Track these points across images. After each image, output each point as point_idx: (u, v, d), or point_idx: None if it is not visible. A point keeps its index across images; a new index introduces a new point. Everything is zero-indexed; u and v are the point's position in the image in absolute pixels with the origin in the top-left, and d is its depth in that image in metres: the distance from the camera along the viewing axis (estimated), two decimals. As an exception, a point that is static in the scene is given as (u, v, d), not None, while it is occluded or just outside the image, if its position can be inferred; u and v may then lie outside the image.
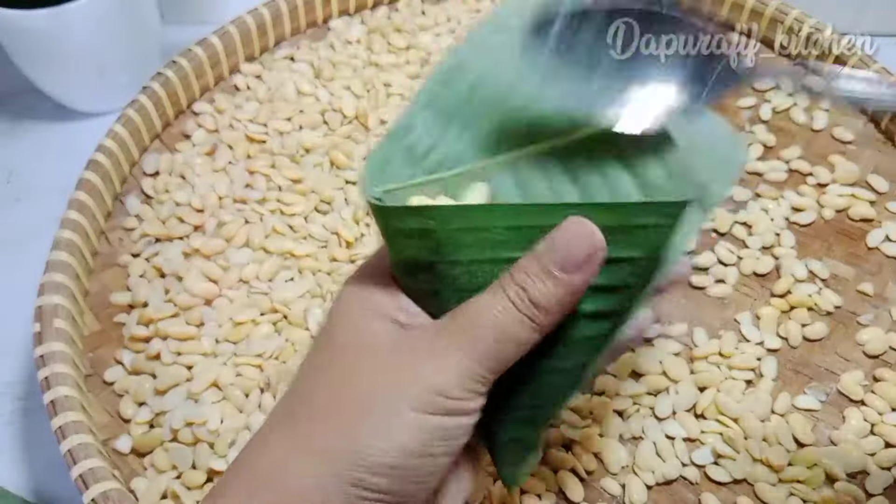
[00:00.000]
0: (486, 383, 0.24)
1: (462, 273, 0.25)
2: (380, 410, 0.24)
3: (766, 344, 0.40)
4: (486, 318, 0.24)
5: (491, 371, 0.24)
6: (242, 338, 0.40)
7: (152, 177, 0.48)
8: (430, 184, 0.27)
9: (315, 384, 0.25)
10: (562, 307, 0.24)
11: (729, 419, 0.37)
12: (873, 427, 0.37)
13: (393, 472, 0.23)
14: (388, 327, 0.25)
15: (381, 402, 0.24)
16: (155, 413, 0.38)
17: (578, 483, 0.35)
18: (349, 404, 0.24)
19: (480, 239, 0.24)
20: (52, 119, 0.55)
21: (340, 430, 0.24)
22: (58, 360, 0.36)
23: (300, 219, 0.45)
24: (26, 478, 0.39)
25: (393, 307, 0.26)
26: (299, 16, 0.55)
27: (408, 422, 0.23)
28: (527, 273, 0.24)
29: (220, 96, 0.52)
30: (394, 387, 0.24)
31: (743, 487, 0.36)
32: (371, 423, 0.23)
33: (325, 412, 0.24)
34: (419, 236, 0.24)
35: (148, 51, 0.54)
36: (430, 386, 0.24)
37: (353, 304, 0.26)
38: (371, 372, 0.25)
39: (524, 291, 0.24)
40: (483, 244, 0.24)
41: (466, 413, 0.24)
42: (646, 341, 0.40)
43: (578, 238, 0.24)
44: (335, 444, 0.23)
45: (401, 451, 0.23)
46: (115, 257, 0.44)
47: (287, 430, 0.25)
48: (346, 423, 0.24)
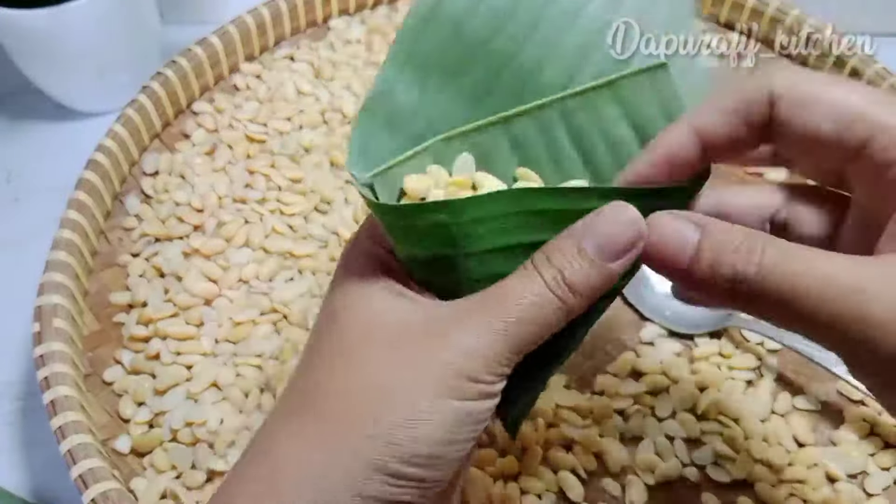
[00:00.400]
0: (512, 365, 0.24)
1: (478, 263, 0.24)
2: (403, 399, 0.23)
3: (766, 344, 0.40)
4: (520, 301, 0.23)
5: (519, 353, 0.23)
6: (242, 338, 0.40)
7: (152, 176, 0.48)
8: (419, 156, 0.26)
9: (328, 373, 0.24)
10: (595, 293, 0.24)
11: (729, 419, 0.37)
12: (873, 427, 0.37)
13: (425, 461, 0.22)
14: (399, 305, 0.24)
15: (403, 389, 0.23)
16: (154, 413, 0.38)
17: (578, 483, 0.35)
18: (370, 394, 0.23)
19: (496, 227, 0.24)
20: (52, 119, 0.55)
21: (365, 422, 0.22)
22: (57, 360, 0.36)
23: (300, 219, 0.45)
24: (26, 478, 0.39)
25: (400, 281, 0.25)
26: (299, 16, 0.55)
27: (435, 409, 0.22)
28: (564, 255, 0.23)
29: (220, 96, 0.52)
30: (417, 372, 0.23)
31: (743, 487, 0.36)
32: (397, 414, 0.22)
33: (345, 403, 0.23)
34: (430, 231, 0.24)
35: (148, 51, 0.54)
36: (459, 370, 0.23)
37: (356, 280, 0.25)
38: (388, 357, 0.23)
39: (561, 274, 0.23)
40: (499, 232, 0.24)
41: (493, 396, 0.24)
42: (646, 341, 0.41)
43: (621, 225, 0.23)
44: (361, 437, 0.22)
45: (430, 440, 0.22)
46: (115, 257, 0.44)
47: (305, 425, 0.23)
48: (369, 414, 0.23)
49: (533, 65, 0.26)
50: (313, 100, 0.52)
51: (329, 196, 0.46)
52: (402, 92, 0.26)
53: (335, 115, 0.51)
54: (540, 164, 0.26)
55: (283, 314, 0.41)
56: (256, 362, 0.39)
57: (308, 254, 0.44)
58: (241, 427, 0.37)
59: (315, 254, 0.44)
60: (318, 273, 0.43)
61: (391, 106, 0.26)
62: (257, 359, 0.39)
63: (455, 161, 0.26)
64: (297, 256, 0.44)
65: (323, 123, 0.50)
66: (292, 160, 0.48)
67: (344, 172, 0.47)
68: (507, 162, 0.26)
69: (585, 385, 0.39)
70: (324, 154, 0.48)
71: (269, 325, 0.41)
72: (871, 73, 0.50)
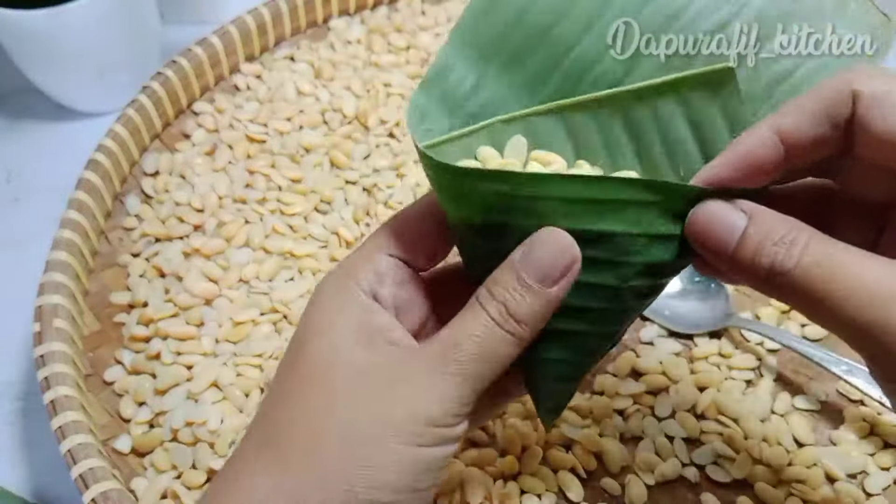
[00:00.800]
0: (471, 404, 0.24)
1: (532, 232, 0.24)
2: (363, 445, 0.23)
3: (765, 344, 0.40)
4: (469, 340, 0.23)
5: (476, 391, 0.24)
6: (242, 338, 0.40)
7: (152, 176, 0.48)
8: (474, 134, 0.26)
9: (291, 412, 0.24)
10: (540, 320, 0.24)
11: (729, 419, 0.37)
12: (873, 427, 0.37)
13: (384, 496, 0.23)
14: (365, 348, 0.24)
15: (364, 435, 0.23)
16: (155, 413, 0.38)
17: (578, 483, 0.35)
18: (330, 438, 0.23)
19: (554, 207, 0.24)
20: (52, 119, 0.55)
21: (326, 467, 0.23)
22: (57, 360, 0.36)
23: (300, 219, 0.45)
24: (26, 478, 0.39)
25: (371, 323, 0.25)
26: (299, 16, 0.55)
27: (394, 456, 0.23)
28: (505, 288, 0.24)
29: (220, 96, 0.52)
30: (376, 417, 0.23)
31: (743, 487, 0.36)
32: (357, 459, 0.23)
33: (307, 446, 0.23)
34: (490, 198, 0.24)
35: (148, 51, 0.54)
36: (416, 416, 0.23)
37: (327, 318, 0.25)
38: (350, 401, 0.23)
39: (505, 307, 0.23)
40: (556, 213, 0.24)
41: (453, 441, 0.24)
42: (646, 341, 0.41)
43: (556, 251, 0.24)
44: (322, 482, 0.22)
45: (389, 488, 0.23)
46: (115, 257, 0.44)
47: (268, 465, 0.23)
48: (331, 458, 0.23)
49: (592, 55, 0.26)
50: (313, 100, 0.52)
51: (329, 196, 0.46)
52: (460, 73, 0.26)
53: (335, 115, 0.51)
54: (595, 153, 0.26)
55: (284, 314, 0.41)
56: (256, 362, 0.39)
57: (308, 254, 0.44)
58: (241, 427, 0.37)
59: (315, 254, 0.44)
60: (318, 273, 0.43)
61: (447, 85, 0.26)
62: (257, 359, 0.39)
63: (508, 143, 0.26)
64: (298, 256, 0.44)
65: (323, 123, 0.50)
66: (292, 160, 0.48)
67: (344, 172, 0.47)
68: (563, 149, 0.26)
69: (585, 385, 0.39)
70: (324, 154, 0.48)
71: (269, 325, 0.41)
72: (870, 74, 0.50)
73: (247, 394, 0.38)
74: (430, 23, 0.57)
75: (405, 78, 0.53)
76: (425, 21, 0.57)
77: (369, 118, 0.50)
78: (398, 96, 0.52)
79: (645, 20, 0.26)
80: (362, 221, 0.45)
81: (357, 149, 0.49)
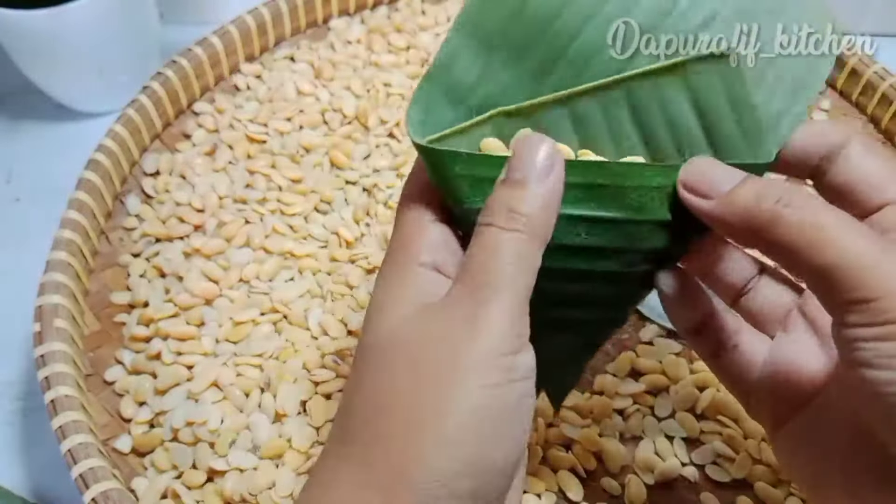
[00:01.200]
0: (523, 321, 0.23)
1: None
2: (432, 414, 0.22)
3: (765, 344, 0.40)
4: (484, 256, 0.23)
5: (518, 303, 0.23)
6: (242, 338, 0.40)
7: (152, 176, 0.48)
8: (479, 126, 0.26)
9: (360, 400, 0.24)
10: (547, 208, 0.24)
11: (729, 419, 0.37)
12: (873, 427, 0.37)
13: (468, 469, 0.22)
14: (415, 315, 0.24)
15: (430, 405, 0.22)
16: (155, 413, 0.38)
17: (578, 483, 0.35)
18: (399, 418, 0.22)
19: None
20: (52, 119, 0.55)
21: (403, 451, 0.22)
22: (58, 360, 0.36)
23: (300, 219, 0.45)
24: (26, 478, 0.39)
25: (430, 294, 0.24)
26: (299, 16, 0.55)
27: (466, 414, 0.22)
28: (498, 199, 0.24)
29: (221, 96, 0.52)
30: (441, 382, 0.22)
31: (742, 487, 0.36)
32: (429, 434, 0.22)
33: (378, 432, 0.23)
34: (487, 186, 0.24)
35: (148, 51, 0.54)
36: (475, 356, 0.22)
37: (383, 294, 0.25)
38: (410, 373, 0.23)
39: (504, 211, 0.24)
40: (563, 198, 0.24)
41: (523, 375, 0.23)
42: (646, 341, 0.41)
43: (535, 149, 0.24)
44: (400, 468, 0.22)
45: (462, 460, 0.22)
46: (116, 257, 0.44)
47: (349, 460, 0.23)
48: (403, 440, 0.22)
49: (596, 44, 0.26)
50: (313, 100, 0.52)
51: (329, 196, 0.46)
52: (464, 65, 0.26)
53: (335, 115, 0.51)
54: (601, 142, 0.26)
55: (284, 314, 0.41)
56: (257, 362, 0.39)
57: (308, 254, 0.44)
58: (241, 426, 0.37)
59: (315, 254, 0.44)
60: (319, 273, 0.43)
61: (451, 77, 0.26)
62: (257, 359, 0.39)
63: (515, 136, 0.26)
64: (298, 256, 0.44)
65: (323, 123, 0.51)
66: (292, 160, 0.48)
67: (344, 172, 0.47)
68: (569, 139, 0.26)
69: (585, 385, 0.39)
70: (324, 154, 0.48)
71: (269, 325, 0.41)
72: (871, 74, 0.50)
73: (247, 394, 0.38)
74: (430, 23, 0.57)
75: (405, 78, 0.53)
76: (425, 21, 0.57)
77: (369, 118, 0.50)
78: (398, 96, 0.52)
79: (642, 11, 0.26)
80: (362, 221, 0.45)
81: (357, 149, 0.49)
